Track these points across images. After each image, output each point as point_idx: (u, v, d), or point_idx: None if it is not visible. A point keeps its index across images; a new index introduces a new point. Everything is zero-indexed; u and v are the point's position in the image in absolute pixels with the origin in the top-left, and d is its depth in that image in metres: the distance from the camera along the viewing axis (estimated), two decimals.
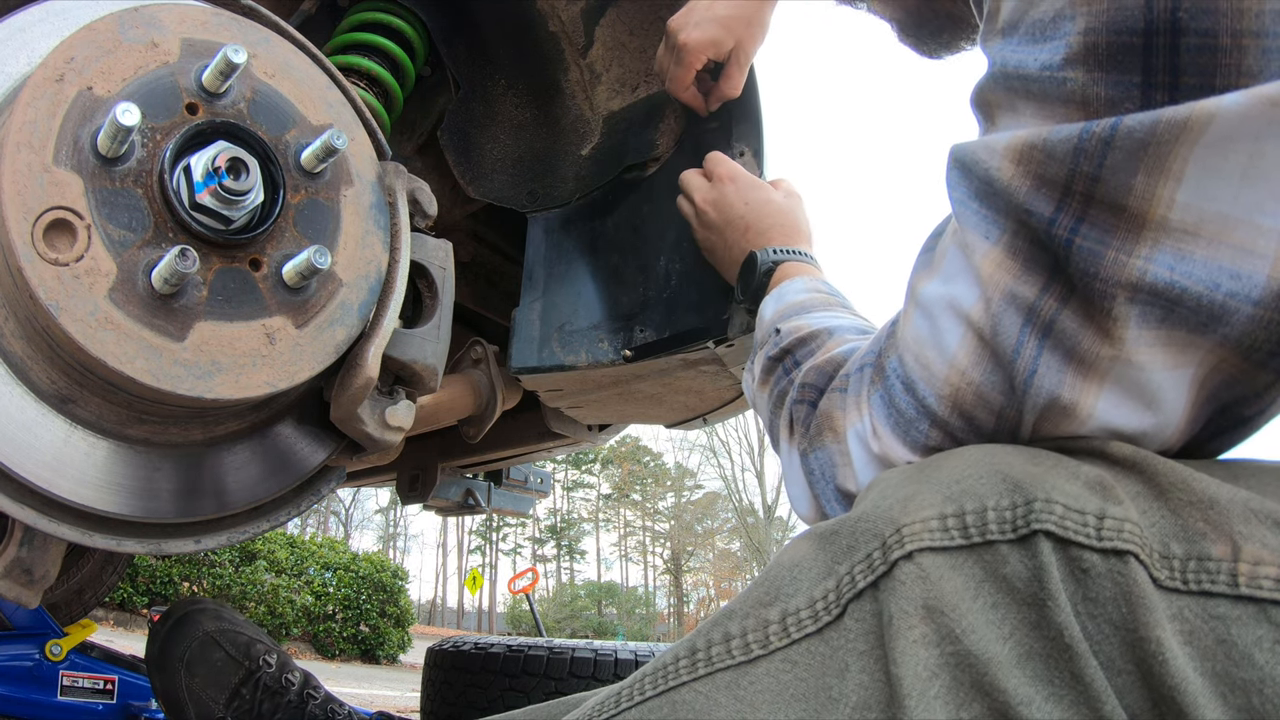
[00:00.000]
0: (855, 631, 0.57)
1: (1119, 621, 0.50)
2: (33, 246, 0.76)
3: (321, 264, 0.86)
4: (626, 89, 1.65)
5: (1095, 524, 0.52)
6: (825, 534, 0.62)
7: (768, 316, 1.03)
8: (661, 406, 1.71)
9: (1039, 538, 0.52)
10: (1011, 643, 0.51)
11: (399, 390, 1.03)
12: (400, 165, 1.05)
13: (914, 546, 0.55)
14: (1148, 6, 0.53)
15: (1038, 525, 0.53)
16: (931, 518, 0.56)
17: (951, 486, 0.57)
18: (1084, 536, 0.52)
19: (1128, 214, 0.54)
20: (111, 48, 0.83)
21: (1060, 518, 0.53)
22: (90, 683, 2.03)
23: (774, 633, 0.60)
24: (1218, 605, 0.50)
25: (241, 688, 1.46)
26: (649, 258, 1.51)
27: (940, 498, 0.57)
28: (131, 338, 0.79)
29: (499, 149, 1.70)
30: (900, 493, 0.59)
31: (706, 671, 0.62)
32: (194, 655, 1.46)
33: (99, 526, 0.89)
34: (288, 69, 0.96)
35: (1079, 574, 0.52)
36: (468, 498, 2.55)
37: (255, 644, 1.51)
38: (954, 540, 0.54)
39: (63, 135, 0.79)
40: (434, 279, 1.08)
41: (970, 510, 0.55)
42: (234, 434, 0.96)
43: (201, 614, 1.52)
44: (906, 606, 0.54)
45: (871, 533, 0.58)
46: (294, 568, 12.65)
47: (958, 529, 0.55)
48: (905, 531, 0.56)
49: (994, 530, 0.54)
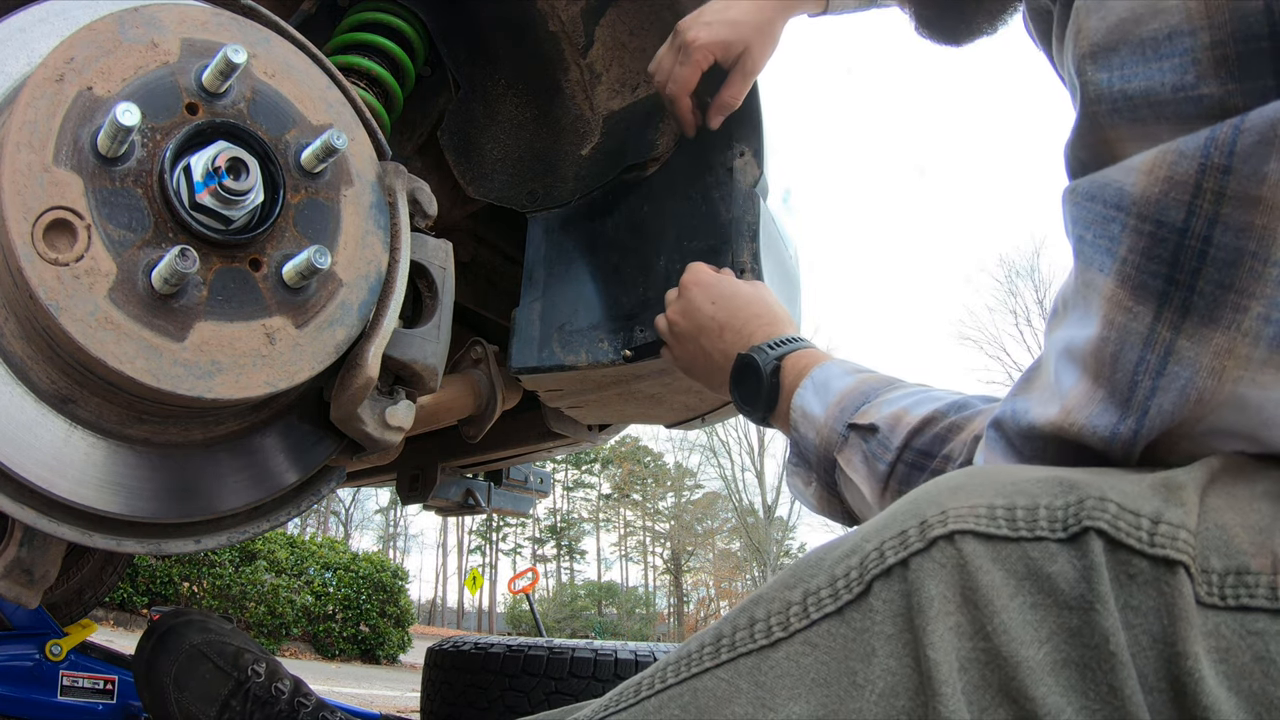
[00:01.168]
0: (882, 613, 0.53)
1: (1158, 635, 0.48)
2: (33, 246, 0.76)
3: (321, 264, 0.86)
4: (627, 89, 1.65)
5: (1149, 527, 0.50)
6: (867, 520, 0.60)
7: (820, 415, 0.92)
8: (661, 406, 1.71)
9: (1090, 535, 0.50)
10: (1048, 647, 0.49)
11: (399, 390, 1.03)
12: (400, 165, 1.05)
13: (956, 527, 0.52)
14: (1268, 10, 0.51)
15: (1089, 522, 0.50)
16: (980, 504, 0.53)
17: (1006, 485, 0.54)
18: (1135, 540, 0.49)
19: (1262, 206, 0.51)
20: (111, 48, 0.83)
21: (1114, 516, 0.50)
22: (90, 683, 2.03)
23: (794, 614, 0.57)
24: (1256, 620, 0.48)
25: (231, 700, 1.44)
26: (649, 257, 1.51)
27: (992, 491, 0.54)
28: (131, 338, 0.79)
29: (499, 149, 1.70)
30: (950, 483, 0.57)
31: (729, 657, 0.59)
32: (181, 669, 1.44)
33: (99, 526, 0.89)
34: (288, 69, 0.96)
35: (1124, 579, 0.49)
36: (468, 498, 2.55)
37: (243, 653, 1.50)
38: (1000, 529, 0.51)
39: (63, 135, 0.79)
40: (434, 279, 1.08)
41: (1022, 506, 0.52)
42: (234, 434, 0.96)
43: (187, 626, 1.50)
44: (945, 590, 0.51)
45: (911, 512, 0.55)
46: (294, 568, 12.65)
47: (1006, 520, 0.52)
48: (950, 512, 0.53)
49: (1044, 526, 0.51)
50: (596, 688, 2.24)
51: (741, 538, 36.21)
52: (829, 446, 0.90)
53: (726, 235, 1.43)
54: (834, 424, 0.90)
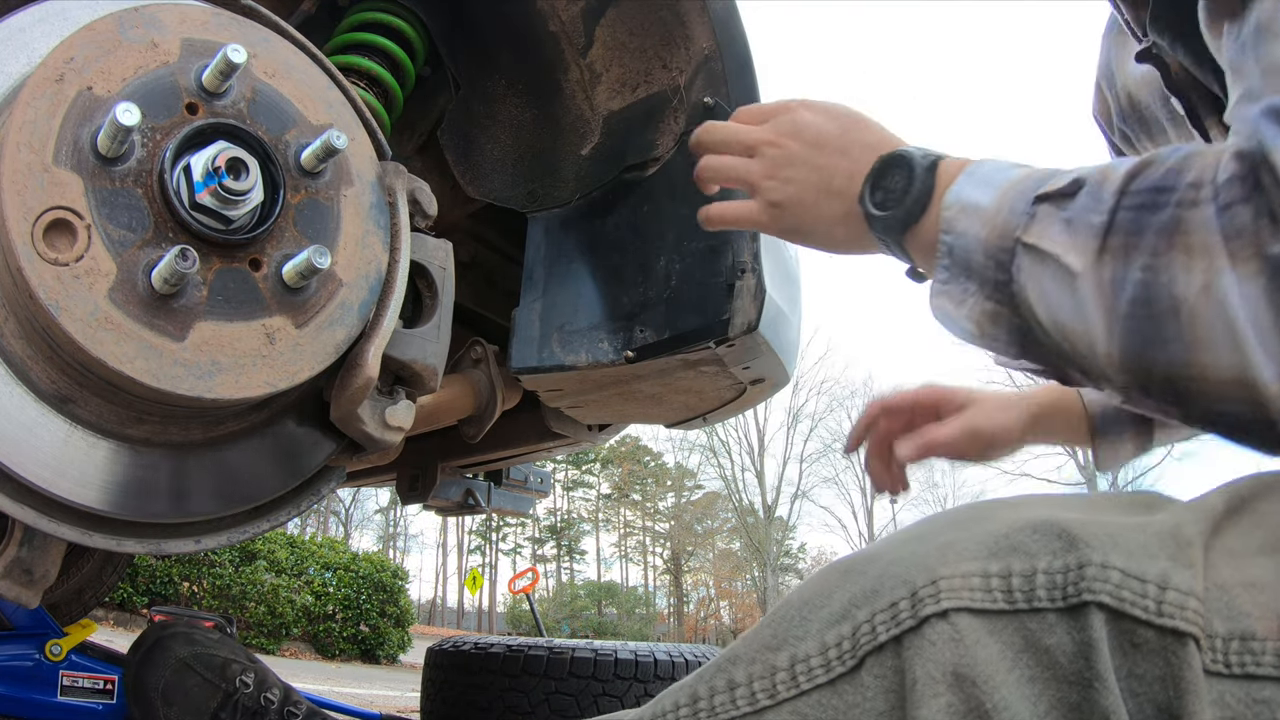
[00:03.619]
0: (874, 689, 0.51)
1: (1164, 705, 0.46)
2: (33, 246, 0.76)
3: (321, 264, 0.85)
4: (627, 89, 1.64)
5: (1156, 595, 0.47)
6: (849, 568, 0.57)
7: (989, 203, 0.75)
8: (661, 406, 1.71)
9: (1090, 610, 0.47)
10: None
11: (399, 390, 1.03)
12: (400, 165, 1.05)
13: (950, 605, 0.50)
14: None
15: (1089, 596, 0.47)
16: (974, 574, 0.50)
17: (1000, 540, 0.51)
18: (1141, 610, 0.47)
19: None
20: (111, 47, 0.83)
21: (1117, 586, 0.48)
22: (90, 683, 2.03)
23: (781, 681, 0.55)
24: (1263, 688, 0.46)
25: (220, 712, 1.42)
26: (649, 257, 1.51)
27: (986, 551, 0.51)
28: (131, 338, 0.79)
29: (499, 149, 1.69)
30: (941, 538, 0.54)
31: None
32: (169, 684, 1.42)
33: (99, 526, 0.89)
34: (288, 69, 0.96)
35: (1129, 648, 0.47)
36: (468, 498, 2.55)
37: (230, 664, 1.48)
38: (996, 603, 0.49)
39: (63, 135, 0.79)
40: (434, 279, 1.08)
41: (1018, 571, 0.50)
42: (234, 434, 0.96)
43: (173, 639, 1.47)
44: (934, 671, 0.49)
45: (901, 579, 0.52)
46: (294, 568, 12.63)
47: (1001, 590, 0.49)
48: (943, 585, 0.50)
49: (1042, 596, 0.49)
50: (596, 688, 2.24)
51: (741, 538, 36.17)
52: (1006, 232, 0.74)
53: (726, 235, 1.42)
54: (1012, 205, 0.74)
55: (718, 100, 1.50)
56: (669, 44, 1.54)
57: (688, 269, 1.45)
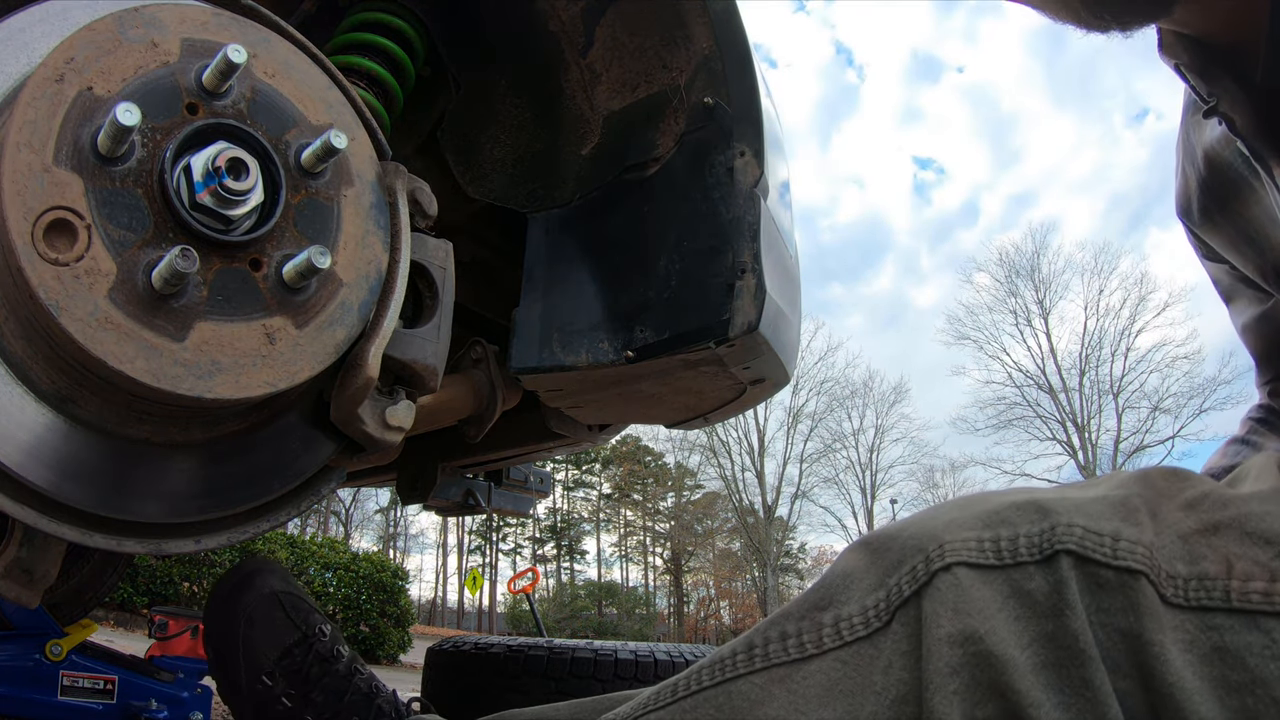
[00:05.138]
0: (900, 634, 0.63)
1: (1125, 629, 0.57)
2: (33, 246, 0.76)
3: (322, 264, 0.85)
4: (627, 89, 1.64)
5: (1111, 544, 0.60)
6: (877, 547, 0.70)
7: None
8: (662, 406, 1.71)
9: (1060, 556, 0.60)
10: (1030, 651, 0.57)
11: (399, 390, 1.03)
12: (400, 165, 1.05)
13: (952, 560, 0.63)
14: None
15: (1059, 545, 0.61)
16: (970, 539, 0.64)
17: (991, 516, 0.65)
18: (1101, 555, 0.60)
19: None
20: (111, 48, 0.83)
21: (1080, 538, 0.61)
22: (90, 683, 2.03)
23: (827, 635, 0.67)
24: (1214, 617, 0.56)
25: (295, 649, 1.49)
26: (649, 257, 1.51)
27: (980, 524, 0.65)
28: (132, 338, 0.79)
29: (499, 149, 1.69)
30: (946, 516, 0.67)
31: (763, 665, 0.68)
32: (256, 609, 1.50)
33: (99, 526, 0.89)
34: (288, 69, 0.96)
35: (1094, 588, 0.59)
36: (468, 498, 2.55)
37: (313, 613, 1.56)
38: (988, 559, 0.62)
39: (63, 135, 0.79)
40: (434, 279, 1.08)
41: (1005, 537, 0.63)
42: (234, 434, 0.96)
43: (271, 573, 1.57)
44: (939, 608, 0.61)
45: (916, 548, 0.66)
46: (294, 568, 12.63)
47: (993, 551, 0.63)
48: (946, 547, 0.64)
49: (1023, 553, 0.62)
50: (596, 688, 2.24)
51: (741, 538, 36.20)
52: None
53: (727, 236, 1.42)
54: None
55: (718, 100, 1.50)
56: (669, 44, 1.54)
57: (688, 269, 1.44)
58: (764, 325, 1.37)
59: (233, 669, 1.47)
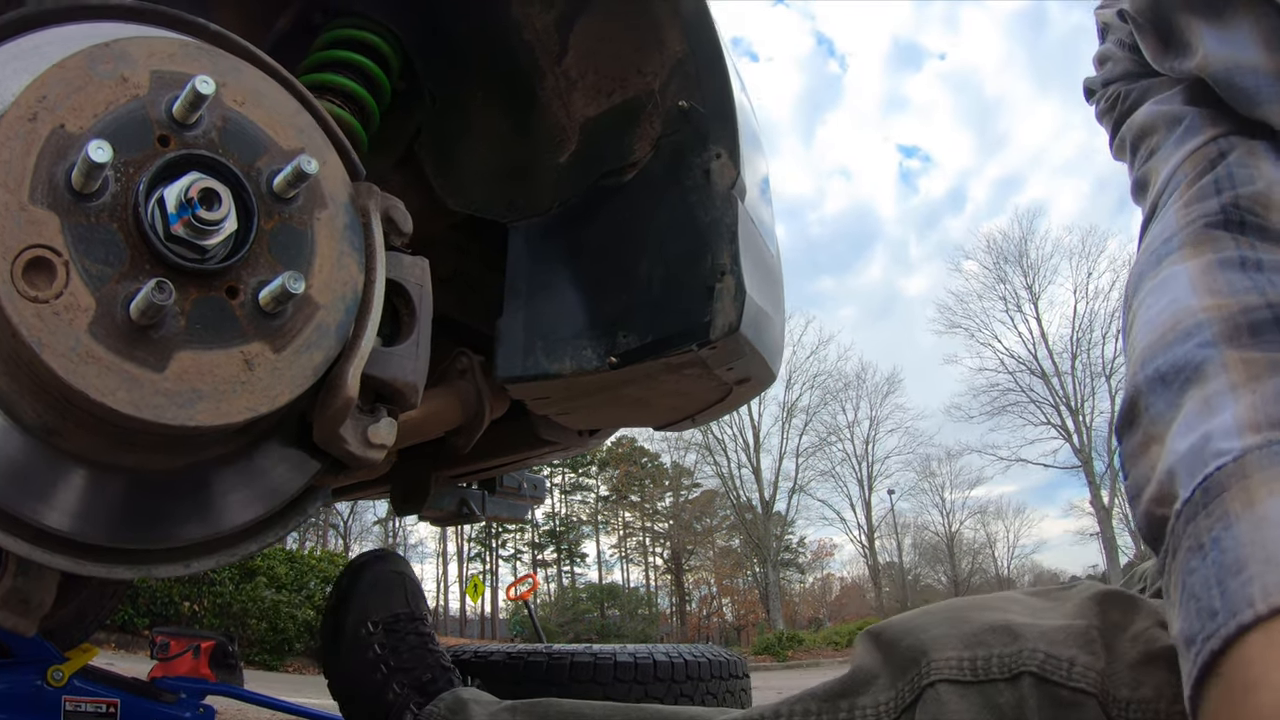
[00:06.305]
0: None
1: None
2: (13, 285, 0.77)
3: (296, 289, 0.87)
4: (602, 95, 1.65)
5: (1068, 668, 0.74)
6: (888, 644, 0.86)
7: None
8: (649, 410, 1.72)
9: (1024, 677, 0.75)
10: None
11: (380, 408, 1.04)
12: (373, 185, 1.06)
13: (936, 677, 0.79)
14: None
15: (1023, 668, 0.75)
16: (952, 658, 0.79)
17: (971, 638, 0.80)
18: (1058, 676, 0.74)
19: None
20: (82, 84, 0.84)
21: (1042, 662, 0.75)
22: (93, 707, 2.03)
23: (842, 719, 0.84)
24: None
25: (401, 618, 1.70)
26: (630, 263, 1.51)
27: (961, 644, 0.80)
28: (113, 370, 0.80)
29: (477, 160, 1.70)
30: (936, 630, 0.84)
31: None
32: (383, 578, 1.75)
33: (90, 555, 0.90)
34: (257, 96, 0.97)
35: (1052, 704, 0.73)
36: (462, 506, 2.55)
37: (424, 608, 1.79)
38: (965, 676, 0.77)
39: (38, 173, 0.80)
40: (411, 296, 1.09)
41: (980, 656, 0.78)
42: (218, 459, 0.97)
43: (407, 566, 1.84)
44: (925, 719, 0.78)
45: (912, 659, 0.82)
46: (294, 583, 12.61)
47: (970, 669, 0.78)
48: (932, 665, 0.80)
49: (995, 671, 0.76)
50: (598, 692, 2.24)
51: (741, 534, 36.19)
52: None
53: (705, 238, 1.43)
54: None
55: (692, 103, 1.51)
56: (642, 49, 1.55)
57: (668, 273, 1.46)
58: (745, 326, 1.38)
59: (344, 613, 1.69)
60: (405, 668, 1.63)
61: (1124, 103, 1.08)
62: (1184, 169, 0.86)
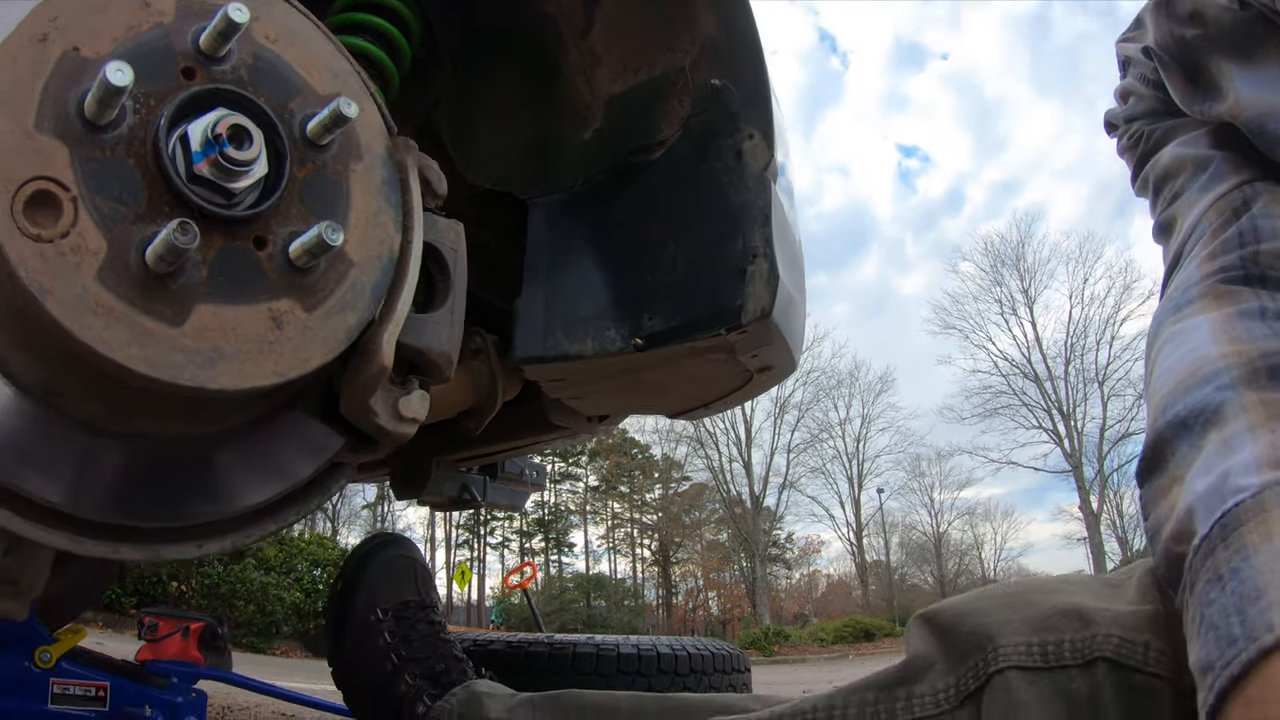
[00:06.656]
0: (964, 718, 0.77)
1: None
2: (12, 220, 0.68)
3: (334, 240, 0.78)
4: (628, 72, 1.60)
5: (1143, 652, 0.71)
6: (945, 628, 0.82)
7: None
8: (666, 396, 1.68)
9: (1099, 662, 0.71)
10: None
11: (412, 379, 0.96)
12: (410, 140, 0.99)
13: (1004, 664, 0.75)
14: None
15: (1098, 653, 0.72)
16: (1020, 644, 0.75)
17: (1039, 621, 0.76)
18: (1135, 662, 0.71)
19: None
20: (100, 6, 0.76)
21: (1117, 646, 0.72)
22: (82, 690, 1.97)
23: (900, 707, 0.81)
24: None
25: (409, 606, 1.66)
26: (655, 243, 1.47)
27: (1029, 629, 0.76)
28: (124, 322, 0.72)
29: (497, 133, 1.66)
30: (1000, 615, 0.79)
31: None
32: (393, 564, 1.72)
33: (90, 532, 0.82)
34: (291, 35, 0.89)
35: (1127, 690, 0.70)
36: (463, 492, 2.51)
37: (435, 596, 1.76)
38: (1035, 662, 0.74)
39: (45, 99, 0.71)
40: (446, 261, 1.02)
41: (1051, 641, 0.74)
42: (237, 429, 0.89)
43: (418, 552, 1.83)
44: (993, 706, 0.74)
45: (976, 645, 0.78)
46: (283, 565, 12.62)
47: (1040, 655, 0.74)
48: (1000, 651, 0.76)
49: (1067, 657, 0.73)
50: (599, 683, 2.21)
51: (729, 528, 36.30)
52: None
53: (736, 220, 1.39)
54: None
55: (725, 82, 1.46)
56: (671, 25, 1.50)
57: (697, 254, 1.41)
58: (776, 311, 1.34)
59: (352, 598, 1.66)
60: (417, 657, 1.59)
61: (1147, 142, 1.09)
62: (1209, 216, 0.88)
